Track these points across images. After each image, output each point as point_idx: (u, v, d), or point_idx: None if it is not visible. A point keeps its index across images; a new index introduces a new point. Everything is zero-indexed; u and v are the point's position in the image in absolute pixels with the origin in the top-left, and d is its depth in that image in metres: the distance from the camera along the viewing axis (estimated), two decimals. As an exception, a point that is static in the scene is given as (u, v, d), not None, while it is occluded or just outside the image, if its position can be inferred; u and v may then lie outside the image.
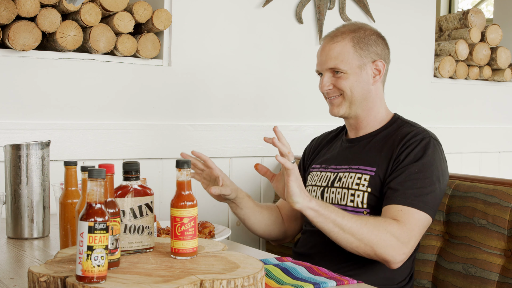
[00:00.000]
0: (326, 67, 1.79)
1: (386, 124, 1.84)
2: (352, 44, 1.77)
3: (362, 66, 1.78)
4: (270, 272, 1.32)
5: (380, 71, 1.81)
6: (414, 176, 1.66)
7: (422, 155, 1.68)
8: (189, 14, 2.39)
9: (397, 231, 1.58)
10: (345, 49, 1.77)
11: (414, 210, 1.62)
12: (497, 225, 1.72)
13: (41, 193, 1.65)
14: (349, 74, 1.77)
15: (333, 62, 1.77)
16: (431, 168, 1.67)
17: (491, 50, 3.22)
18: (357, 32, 1.80)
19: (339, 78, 1.78)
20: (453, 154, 3.14)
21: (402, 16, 2.96)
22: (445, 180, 1.73)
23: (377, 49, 1.81)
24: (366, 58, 1.79)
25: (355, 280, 1.31)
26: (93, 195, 1.01)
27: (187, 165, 1.19)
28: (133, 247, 1.21)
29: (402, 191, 1.64)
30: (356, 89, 1.78)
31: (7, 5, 1.96)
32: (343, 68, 1.77)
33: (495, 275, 1.70)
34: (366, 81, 1.79)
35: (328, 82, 1.80)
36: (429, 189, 1.65)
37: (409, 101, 3.01)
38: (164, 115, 2.34)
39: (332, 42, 1.79)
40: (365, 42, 1.79)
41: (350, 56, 1.77)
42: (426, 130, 1.77)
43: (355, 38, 1.78)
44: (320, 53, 1.83)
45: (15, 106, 2.08)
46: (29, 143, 1.63)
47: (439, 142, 1.76)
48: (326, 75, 1.80)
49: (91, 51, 2.18)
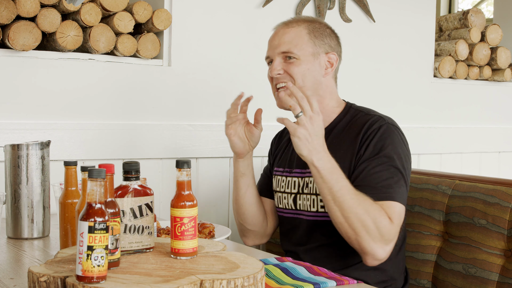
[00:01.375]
0: (279, 51, 1.72)
1: (339, 114, 1.78)
2: (307, 31, 1.72)
3: (316, 54, 1.72)
4: (270, 272, 1.32)
5: (332, 64, 1.75)
6: (380, 168, 1.61)
7: (383, 145, 1.64)
8: (189, 14, 2.39)
9: (385, 226, 1.54)
10: (300, 34, 1.72)
11: (393, 202, 1.57)
12: (497, 225, 1.72)
13: (41, 193, 1.65)
14: (301, 61, 1.70)
15: (287, 46, 1.71)
16: (394, 157, 1.63)
17: (491, 50, 3.22)
18: (313, 22, 1.76)
19: (291, 63, 1.71)
20: (453, 154, 3.15)
21: (402, 16, 2.96)
22: (409, 164, 1.68)
23: (331, 42, 1.76)
24: (320, 47, 1.73)
25: (355, 280, 1.31)
26: (93, 195, 1.01)
27: (187, 165, 1.19)
28: (133, 247, 1.21)
29: (372, 187, 1.59)
30: (307, 78, 1.71)
31: (7, 5, 1.96)
32: (297, 53, 1.70)
33: (495, 275, 1.70)
34: (318, 71, 1.73)
35: (279, 66, 1.72)
36: (396, 179, 1.60)
37: (409, 101, 3.01)
38: (164, 115, 2.34)
39: (287, 27, 1.74)
40: (320, 32, 1.74)
41: (304, 42, 1.71)
42: (382, 116, 1.72)
43: (310, 26, 1.74)
44: (272, 38, 1.77)
45: (15, 106, 2.08)
46: (29, 143, 1.63)
47: (396, 125, 1.71)
48: (277, 59, 1.73)
49: (91, 51, 2.18)
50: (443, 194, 1.89)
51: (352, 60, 2.83)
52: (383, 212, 1.55)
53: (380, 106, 2.91)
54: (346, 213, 1.53)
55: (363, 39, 2.85)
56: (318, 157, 1.53)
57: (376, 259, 1.56)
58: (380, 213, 1.54)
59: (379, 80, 2.92)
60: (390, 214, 1.56)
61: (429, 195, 1.93)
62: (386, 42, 2.92)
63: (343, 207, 1.53)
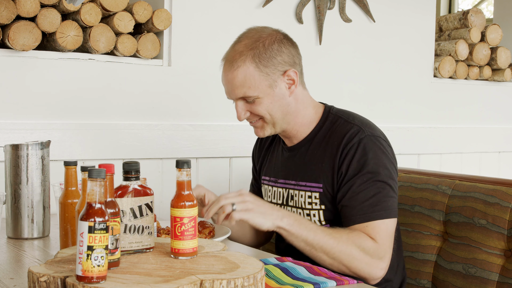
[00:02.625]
0: (235, 97, 1.66)
1: (318, 122, 1.73)
2: (254, 65, 1.61)
3: (273, 84, 1.63)
4: (270, 272, 1.32)
5: (294, 80, 1.66)
6: (365, 186, 1.58)
7: (365, 161, 1.60)
8: (189, 14, 2.39)
9: (371, 248, 1.54)
10: (249, 73, 1.61)
11: (379, 221, 1.56)
12: (497, 225, 1.72)
13: (41, 193, 1.65)
14: (262, 98, 1.63)
15: (241, 90, 1.63)
16: (378, 170, 1.60)
17: (491, 50, 3.22)
18: (256, 48, 1.62)
19: (253, 104, 1.64)
20: (453, 154, 3.15)
21: (402, 16, 2.96)
22: (395, 171, 1.65)
23: (283, 58, 1.65)
24: (274, 74, 1.63)
25: (355, 280, 1.31)
26: (93, 195, 1.01)
27: (187, 165, 1.19)
28: (133, 247, 1.21)
29: (358, 207, 1.57)
30: (274, 110, 1.65)
31: (7, 5, 1.96)
32: (253, 94, 1.62)
33: (495, 275, 1.70)
34: (282, 96, 1.66)
35: (243, 111, 1.67)
36: (384, 193, 1.58)
37: (409, 101, 3.01)
38: (164, 115, 2.34)
39: (233, 68, 1.62)
40: (267, 57, 1.62)
41: (256, 79, 1.61)
42: (361, 126, 1.66)
43: (256, 56, 1.61)
44: (224, 81, 1.68)
45: (15, 106, 2.08)
46: (29, 143, 1.63)
47: (376, 134, 1.65)
48: (238, 104, 1.67)
49: (91, 51, 2.18)
50: (443, 194, 1.89)
51: (352, 60, 2.83)
52: (364, 237, 1.55)
53: (380, 106, 2.92)
54: (331, 254, 1.53)
55: (363, 39, 2.85)
56: (279, 220, 1.52)
57: (375, 278, 1.57)
58: (362, 238, 1.54)
59: (379, 80, 2.92)
60: (374, 234, 1.56)
61: (429, 195, 1.93)
62: (386, 42, 2.92)
63: (326, 250, 1.53)
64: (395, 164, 1.68)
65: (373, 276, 1.55)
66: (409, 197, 1.99)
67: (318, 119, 1.74)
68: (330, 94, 2.77)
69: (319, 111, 1.75)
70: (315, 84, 2.74)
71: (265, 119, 1.67)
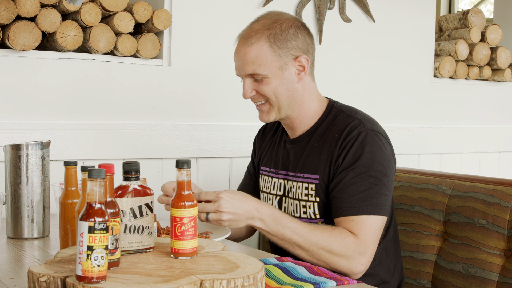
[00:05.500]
0: (245, 73, 1.66)
1: (321, 116, 1.73)
2: (268, 44, 1.62)
3: (283, 66, 1.64)
4: (270, 272, 1.32)
5: (304, 67, 1.67)
6: (357, 179, 1.58)
7: (361, 153, 1.60)
8: (189, 14, 2.39)
9: (352, 244, 1.53)
10: (262, 51, 1.62)
11: (365, 217, 1.55)
12: (497, 225, 1.72)
13: (41, 193, 1.65)
14: (270, 78, 1.64)
15: (251, 67, 1.63)
16: (373, 165, 1.59)
17: (491, 50, 3.22)
18: (273, 28, 1.64)
19: (261, 83, 1.65)
20: (453, 154, 3.15)
21: (402, 16, 2.96)
22: (392, 169, 1.65)
23: (298, 43, 1.65)
24: (286, 56, 1.64)
25: (355, 280, 1.31)
26: (93, 195, 1.01)
27: (187, 165, 1.19)
28: (133, 247, 1.21)
29: (347, 200, 1.57)
30: (280, 93, 1.66)
31: (7, 5, 1.96)
32: (263, 72, 1.63)
33: (495, 275, 1.70)
34: (291, 81, 1.66)
35: (249, 89, 1.67)
36: (376, 189, 1.58)
37: (409, 101, 3.01)
38: (164, 115, 2.34)
39: (247, 44, 1.64)
40: (282, 39, 1.63)
41: (268, 58, 1.62)
42: (362, 120, 1.66)
43: (271, 36, 1.63)
44: (235, 57, 1.69)
45: (15, 106, 2.08)
46: (29, 143, 1.63)
47: (376, 130, 1.65)
48: (246, 81, 1.67)
49: (91, 51, 2.18)
50: (443, 194, 1.89)
51: (352, 60, 2.83)
52: (345, 233, 1.54)
53: (380, 106, 2.92)
54: (310, 251, 1.53)
55: (363, 39, 2.85)
56: (255, 221, 1.52)
57: (356, 274, 1.55)
58: (342, 235, 1.53)
59: (379, 80, 2.92)
60: (357, 230, 1.55)
61: (429, 195, 1.93)
62: (386, 42, 2.92)
63: (304, 247, 1.53)
64: (393, 162, 1.67)
65: (353, 271, 1.54)
66: (409, 197, 1.99)
67: (321, 112, 1.74)
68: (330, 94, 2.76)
69: (324, 105, 1.76)
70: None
71: (270, 102, 1.67)
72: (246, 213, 1.51)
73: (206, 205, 1.50)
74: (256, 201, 1.54)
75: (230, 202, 1.49)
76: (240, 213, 1.50)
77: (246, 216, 1.51)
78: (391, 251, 1.74)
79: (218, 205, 1.48)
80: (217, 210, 1.48)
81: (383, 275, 1.71)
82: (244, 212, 1.50)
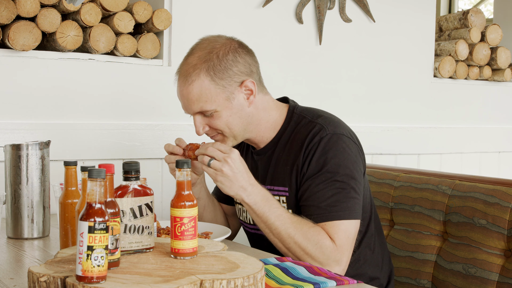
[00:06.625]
0: (192, 112, 1.61)
1: (283, 124, 1.69)
2: (209, 79, 1.56)
3: (230, 96, 1.58)
4: (270, 272, 1.32)
5: (252, 90, 1.61)
6: (323, 186, 1.55)
7: (325, 159, 1.56)
8: (189, 14, 2.39)
9: (328, 248, 1.50)
10: (204, 86, 1.56)
11: (337, 222, 1.52)
12: (497, 225, 1.72)
13: (41, 193, 1.65)
14: (220, 111, 1.58)
15: (197, 105, 1.58)
16: (338, 170, 1.55)
17: (491, 50, 3.22)
18: (210, 60, 1.57)
19: (211, 118, 1.60)
20: (453, 154, 3.15)
21: (402, 16, 2.96)
22: (359, 170, 1.60)
23: (239, 68, 1.59)
24: (230, 86, 1.58)
25: (355, 280, 1.31)
26: (93, 195, 1.01)
27: (187, 165, 1.19)
28: (133, 247, 1.21)
29: (316, 207, 1.54)
30: (233, 123, 1.61)
31: (7, 5, 1.96)
32: (211, 108, 1.57)
33: (495, 275, 1.70)
34: (241, 108, 1.61)
35: (201, 125, 1.61)
36: (344, 194, 1.54)
37: (409, 101, 3.01)
38: (164, 115, 2.34)
39: (187, 83, 1.57)
40: (222, 69, 1.57)
41: (212, 93, 1.56)
42: (324, 124, 1.61)
43: (210, 69, 1.56)
44: (179, 96, 1.63)
45: (15, 106, 2.08)
46: (29, 143, 1.63)
47: (339, 132, 1.60)
48: (196, 118, 1.61)
49: (91, 51, 2.18)
50: (443, 194, 1.89)
51: (352, 60, 2.83)
52: (324, 235, 1.52)
53: (380, 106, 2.92)
54: (286, 243, 1.51)
55: (363, 39, 2.85)
56: (246, 194, 1.50)
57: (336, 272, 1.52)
58: (320, 236, 1.51)
59: (379, 80, 2.92)
60: (332, 234, 1.52)
61: (429, 195, 1.93)
62: (386, 42, 2.92)
63: (282, 237, 1.51)
64: (360, 162, 1.63)
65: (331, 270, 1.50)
66: (409, 197, 1.99)
67: (282, 121, 1.69)
68: (330, 94, 2.78)
69: (283, 113, 1.70)
70: (315, 84, 2.75)
71: (224, 133, 1.63)
72: (243, 180, 1.50)
73: (216, 150, 1.49)
74: (253, 178, 1.53)
75: (237, 162, 1.49)
76: (238, 176, 1.49)
77: (240, 184, 1.49)
78: (375, 247, 1.73)
79: (228, 156, 1.48)
80: (224, 159, 1.47)
81: (370, 272, 1.70)
82: (241, 178, 1.49)
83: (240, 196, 1.51)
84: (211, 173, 1.50)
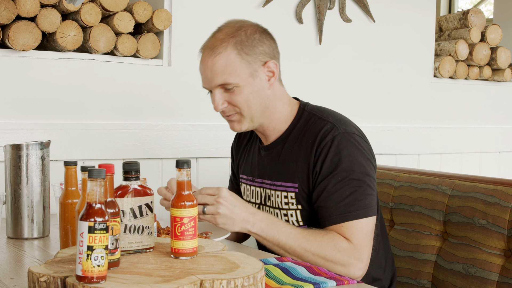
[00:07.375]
0: (215, 84, 1.59)
1: (293, 120, 1.69)
2: (236, 52, 1.57)
3: (254, 73, 1.59)
4: (270, 272, 1.32)
5: (274, 72, 1.62)
6: (340, 185, 1.55)
7: (339, 159, 1.56)
8: (189, 14, 2.39)
9: (346, 249, 1.52)
10: (230, 59, 1.56)
11: (355, 221, 1.54)
12: (497, 225, 1.72)
13: (41, 193, 1.65)
14: (242, 87, 1.58)
15: (221, 77, 1.57)
16: (353, 168, 1.56)
17: (491, 50, 3.22)
18: (238, 35, 1.59)
19: (232, 93, 1.59)
20: (453, 154, 3.15)
21: (402, 16, 2.96)
22: (372, 167, 1.62)
23: (264, 48, 1.61)
24: (255, 63, 1.59)
25: (355, 280, 1.31)
26: (93, 195, 1.01)
27: (187, 165, 1.19)
28: (133, 247, 1.21)
29: (334, 208, 1.55)
30: (253, 102, 1.60)
31: (7, 5, 1.96)
32: (234, 81, 1.57)
33: (495, 275, 1.70)
34: (262, 88, 1.61)
35: (221, 100, 1.60)
36: (360, 191, 1.55)
37: (409, 101, 3.01)
38: (164, 115, 2.34)
39: (214, 54, 1.58)
40: (249, 45, 1.58)
41: (238, 66, 1.56)
42: (335, 123, 1.62)
43: (238, 43, 1.57)
44: (203, 69, 1.62)
45: (15, 106, 2.08)
46: (29, 143, 1.63)
47: (350, 131, 1.61)
48: (216, 92, 1.60)
49: (91, 51, 2.18)
50: (443, 194, 1.89)
51: (352, 60, 2.83)
52: (339, 238, 1.53)
53: (380, 106, 2.92)
54: (305, 257, 1.51)
55: (363, 39, 2.85)
56: (251, 224, 1.50)
57: (356, 277, 1.54)
58: (336, 240, 1.52)
59: (379, 80, 2.92)
60: (349, 235, 1.53)
61: (429, 195, 1.93)
62: (386, 42, 2.92)
63: (299, 253, 1.51)
64: (372, 160, 1.64)
65: (351, 277, 1.52)
66: (409, 197, 1.99)
67: (293, 117, 1.70)
68: (330, 94, 2.77)
69: (295, 108, 1.71)
70: (315, 84, 2.75)
71: (242, 112, 1.62)
72: (242, 212, 1.49)
73: (205, 196, 1.48)
74: (251, 206, 1.54)
75: (230, 198, 1.48)
76: (236, 211, 1.48)
77: (241, 217, 1.49)
78: (380, 247, 1.73)
79: (218, 196, 1.47)
80: (216, 201, 1.46)
81: (374, 273, 1.70)
82: (240, 212, 1.49)
83: (245, 229, 1.51)
84: (209, 219, 1.49)
